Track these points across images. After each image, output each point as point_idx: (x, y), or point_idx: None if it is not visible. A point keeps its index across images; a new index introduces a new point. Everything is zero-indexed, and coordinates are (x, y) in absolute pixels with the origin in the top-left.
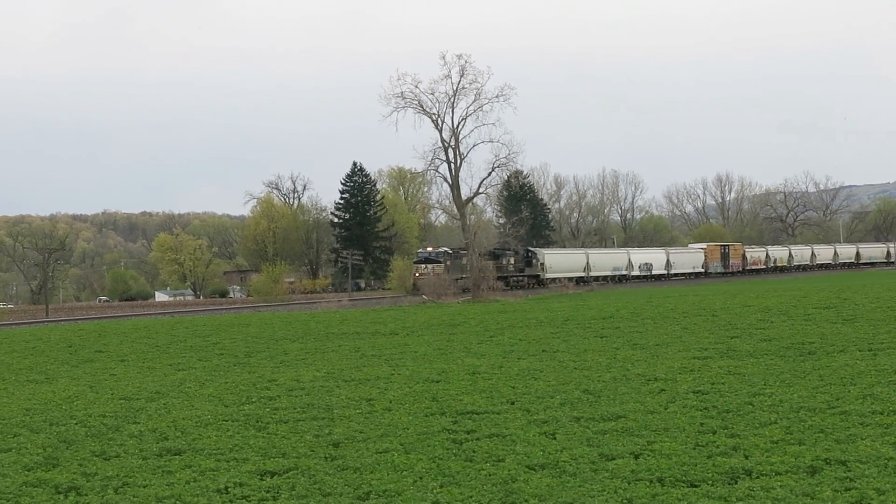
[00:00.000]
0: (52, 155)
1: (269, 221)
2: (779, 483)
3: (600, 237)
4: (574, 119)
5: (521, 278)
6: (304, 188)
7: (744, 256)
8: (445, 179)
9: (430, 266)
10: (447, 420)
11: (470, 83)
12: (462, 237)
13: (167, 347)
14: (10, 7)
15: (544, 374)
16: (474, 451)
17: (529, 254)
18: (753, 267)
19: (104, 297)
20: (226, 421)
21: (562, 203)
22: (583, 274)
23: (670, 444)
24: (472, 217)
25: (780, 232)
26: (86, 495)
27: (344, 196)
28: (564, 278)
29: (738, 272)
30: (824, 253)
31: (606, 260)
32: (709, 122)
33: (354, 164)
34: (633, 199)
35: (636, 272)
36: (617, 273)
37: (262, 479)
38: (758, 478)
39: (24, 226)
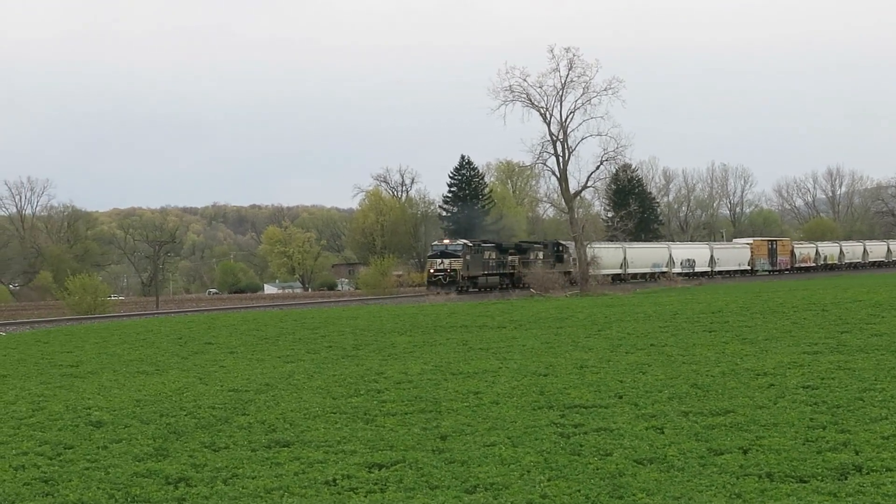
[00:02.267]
0: (162, 149)
1: (378, 214)
2: (889, 479)
3: (709, 231)
4: (683, 111)
5: (550, 276)
6: (413, 181)
7: (792, 253)
8: (553, 173)
9: (446, 261)
10: (555, 414)
11: (578, 76)
12: (570, 230)
13: (276, 340)
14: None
15: (652, 368)
16: (581, 445)
17: (560, 248)
18: (803, 265)
19: (213, 290)
20: (334, 413)
21: (670, 197)
22: (619, 271)
23: (779, 440)
24: (581, 211)
25: (892, 226)
26: (195, 486)
27: (452, 189)
28: (599, 275)
29: (787, 270)
30: (877, 250)
31: (645, 255)
32: (820, 114)
33: (462, 157)
34: (743, 192)
35: (678, 269)
36: (657, 270)
37: (369, 472)
38: (868, 474)
39: (135, 218)
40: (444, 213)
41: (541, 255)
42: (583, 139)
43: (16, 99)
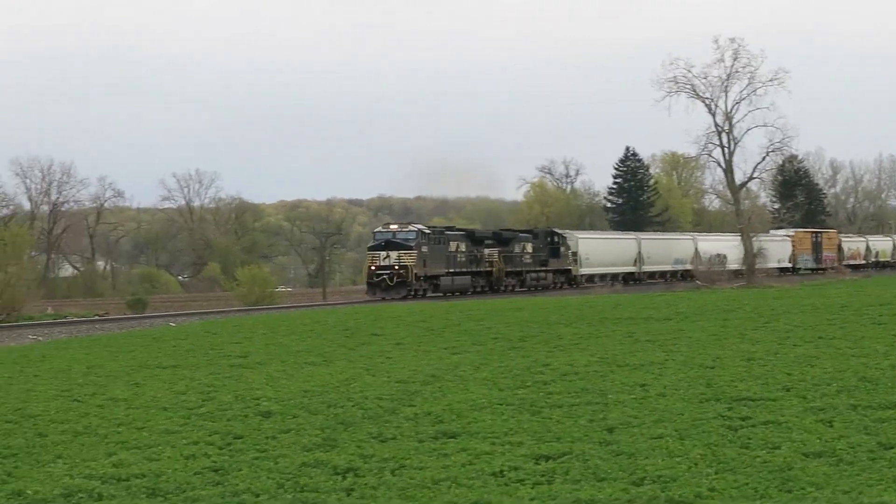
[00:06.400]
0: (328, 141)
1: (542, 206)
2: None
3: (877, 223)
4: (850, 101)
5: (542, 274)
6: (577, 173)
7: (839, 248)
8: (719, 164)
9: (393, 254)
10: (722, 406)
11: (743, 67)
12: (737, 221)
13: (442, 331)
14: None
15: (820, 361)
16: (749, 438)
17: (555, 239)
18: (851, 262)
19: None
20: (500, 405)
21: (837, 188)
22: (633, 269)
23: None
24: (747, 202)
25: None
26: (363, 476)
27: (617, 181)
28: (607, 275)
29: (833, 268)
30: None
31: (666, 249)
32: None
33: (627, 148)
34: None
35: (704, 266)
36: (679, 267)
37: (536, 464)
38: None
39: (301, 210)
40: (609, 205)
41: (529, 247)
42: (748, 130)
43: (185, 94)
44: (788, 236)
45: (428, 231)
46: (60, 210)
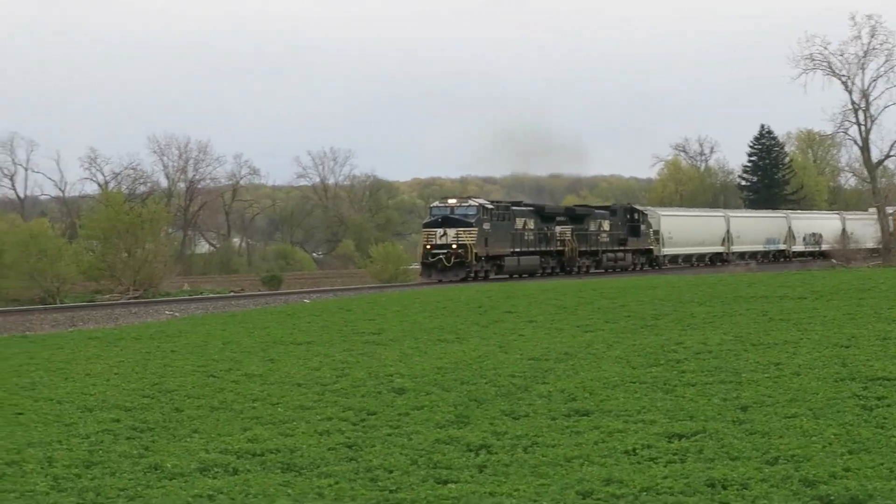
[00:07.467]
0: (464, 118)
1: (676, 184)
2: None
3: None
4: None
5: (620, 254)
6: (712, 151)
7: None
8: (855, 142)
9: (450, 232)
10: (857, 386)
11: (880, 44)
12: (873, 200)
13: (574, 309)
14: None
15: None
16: (885, 419)
17: (636, 216)
18: None
19: None
20: (633, 383)
21: None
22: (721, 249)
23: None
24: (884, 180)
25: None
26: (496, 454)
27: (752, 159)
28: (692, 255)
29: None
30: None
31: (755, 227)
32: None
33: (762, 126)
34: None
35: (799, 247)
36: (772, 248)
37: (669, 442)
38: None
39: (435, 188)
40: (744, 183)
41: (606, 225)
42: (885, 107)
43: (321, 72)
44: (889, 214)
45: (491, 206)
46: (197, 187)
